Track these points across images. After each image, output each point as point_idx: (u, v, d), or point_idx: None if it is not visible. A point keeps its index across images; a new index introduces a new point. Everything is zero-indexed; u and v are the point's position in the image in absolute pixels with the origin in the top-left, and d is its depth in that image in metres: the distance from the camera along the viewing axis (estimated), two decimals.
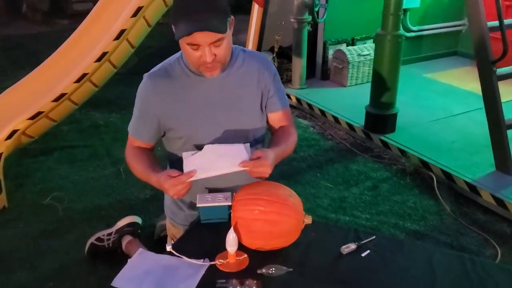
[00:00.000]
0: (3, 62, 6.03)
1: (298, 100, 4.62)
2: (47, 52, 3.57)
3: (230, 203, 1.68)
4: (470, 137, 3.73)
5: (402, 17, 3.62)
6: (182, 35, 1.47)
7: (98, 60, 3.02)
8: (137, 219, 2.61)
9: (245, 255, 1.47)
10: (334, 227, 1.72)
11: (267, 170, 1.51)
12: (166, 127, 1.71)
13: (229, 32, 1.56)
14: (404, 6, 3.65)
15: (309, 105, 4.50)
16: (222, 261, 1.44)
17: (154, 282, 1.38)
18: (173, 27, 1.52)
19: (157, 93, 1.65)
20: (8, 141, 2.91)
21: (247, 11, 4.92)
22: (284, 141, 1.71)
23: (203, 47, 1.49)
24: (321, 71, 5.02)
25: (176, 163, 1.77)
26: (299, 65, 4.71)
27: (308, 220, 1.53)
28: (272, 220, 1.45)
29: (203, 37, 1.47)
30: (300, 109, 4.60)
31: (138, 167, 1.69)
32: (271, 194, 1.49)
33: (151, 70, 1.70)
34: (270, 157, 1.52)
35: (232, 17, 1.56)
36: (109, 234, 2.53)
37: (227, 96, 1.68)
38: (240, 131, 1.72)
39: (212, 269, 1.42)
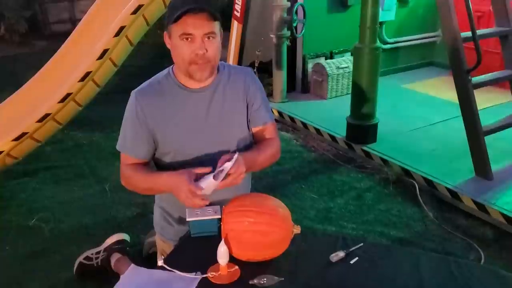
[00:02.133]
0: None
1: (280, 113, 4.68)
2: (26, 73, 3.57)
3: (219, 216, 1.70)
4: (449, 144, 3.82)
5: (378, 30, 3.72)
6: (177, 15, 1.50)
7: (82, 79, 3.03)
8: (125, 237, 2.61)
9: (236, 267, 1.49)
10: (323, 235, 1.76)
11: (240, 170, 1.55)
12: (155, 142, 1.73)
13: (219, 37, 1.62)
14: (380, 19, 3.75)
15: (291, 118, 4.56)
16: (214, 273, 1.46)
17: None
18: (167, 28, 1.58)
19: (146, 108, 1.66)
20: None
21: (227, 28, 4.99)
22: (258, 150, 1.75)
23: (196, 39, 1.54)
24: (302, 85, 5.11)
25: None
26: (279, 79, 4.79)
27: (297, 230, 1.56)
28: (262, 231, 1.47)
29: (197, 25, 1.52)
30: (282, 122, 4.66)
31: (140, 176, 1.68)
32: (260, 206, 1.53)
33: (139, 87, 1.71)
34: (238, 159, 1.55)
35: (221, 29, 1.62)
36: (98, 253, 2.52)
37: (215, 111, 1.71)
38: (227, 145, 1.74)
39: (204, 282, 1.44)
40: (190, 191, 1.51)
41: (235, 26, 4.94)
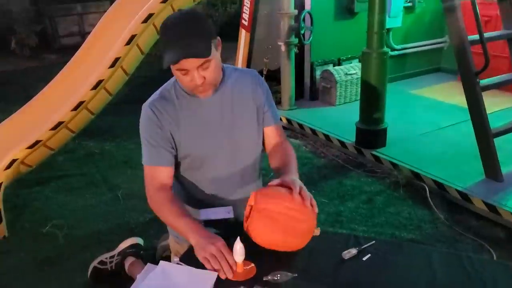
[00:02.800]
0: None
1: (288, 120, 4.71)
2: (37, 86, 3.63)
3: (232, 216, 1.73)
4: (458, 148, 3.83)
5: (385, 36, 3.75)
6: (168, 63, 1.53)
7: (94, 87, 3.08)
8: (138, 241, 2.64)
9: (252, 265, 1.50)
10: (334, 234, 1.78)
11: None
12: (174, 148, 1.74)
13: (217, 53, 1.62)
14: (386, 26, 3.79)
15: (300, 125, 4.58)
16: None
17: None
18: (162, 56, 1.57)
19: (161, 117, 1.68)
20: (8, 170, 2.94)
21: (235, 38, 5.05)
22: (293, 161, 1.77)
23: (191, 71, 1.55)
24: (310, 92, 5.14)
25: (178, 186, 1.83)
26: (288, 86, 4.82)
27: (317, 231, 1.58)
28: (296, 217, 1.49)
29: (190, 63, 1.53)
30: (290, 129, 4.68)
31: (168, 212, 1.65)
32: (293, 197, 1.53)
33: (149, 100, 1.72)
34: (298, 182, 1.57)
35: (219, 37, 1.62)
36: (112, 257, 2.55)
37: (226, 114, 1.74)
38: (240, 147, 1.78)
39: (219, 279, 1.45)
40: (219, 250, 1.47)
41: (243, 35, 5.01)
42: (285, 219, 1.48)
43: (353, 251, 1.59)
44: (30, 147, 2.99)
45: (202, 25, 1.55)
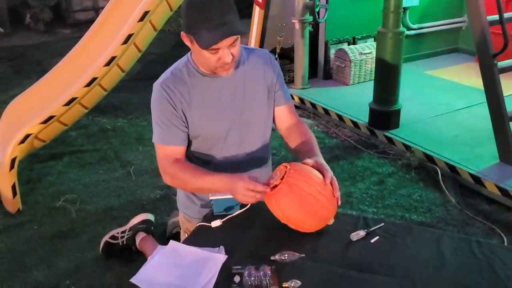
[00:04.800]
0: (8, 71, 6.11)
1: (301, 99, 4.68)
2: (51, 61, 3.65)
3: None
4: (472, 130, 3.78)
5: (402, 15, 3.68)
6: (211, 43, 1.48)
7: (107, 64, 3.08)
8: (150, 217, 2.67)
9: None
10: (343, 215, 1.77)
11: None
12: (187, 127, 1.74)
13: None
14: (403, 5, 3.71)
15: (312, 104, 4.55)
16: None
17: (177, 275, 1.42)
18: (189, 35, 1.54)
19: (173, 96, 1.67)
20: (22, 145, 2.98)
21: (248, 15, 4.99)
22: (315, 142, 1.78)
23: (222, 49, 1.53)
24: (323, 71, 5.08)
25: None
26: (301, 65, 4.77)
27: (332, 221, 1.59)
28: (322, 204, 1.50)
29: (226, 41, 1.50)
30: (303, 108, 4.65)
31: (189, 175, 1.66)
32: (325, 183, 1.53)
33: (161, 79, 1.70)
34: (330, 170, 1.57)
35: None
36: (123, 232, 2.59)
37: (238, 94, 1.73)
38: (251, 128, 1.78)
39: (228, 257, 1.47)
40: (247, 187, 1.50)
41: (257, 12, 4.94)
42: (312, 202, 1.48)
43: (362, 233, 1.59)
44: (44, 122, 3.01)
45: (231, 0, 1.52)
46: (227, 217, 1.64)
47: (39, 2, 7.90)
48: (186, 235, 1.92)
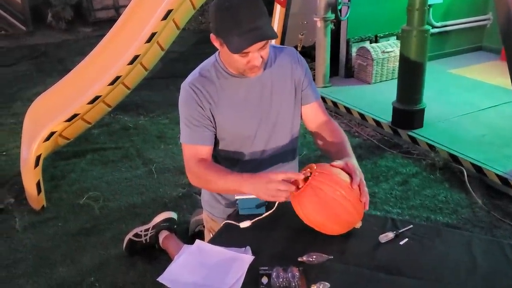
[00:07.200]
0: (31, 69, 6.20)
1: (322, 98, 4.62)
2: (72, 59, 3.68)
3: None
4: (499, 130, 3.70)
5: (426, 13, 3.62)
6: (243, 48, 1.47)
7: (131, 63, 3.09)
8: (173, 215, 2.67)
9: None
10: (370, 216, 1.74)
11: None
12: (214, 127, 1.73)
13: None
14: (428, 2, 3.65)
15: (334, 103, 4.52)
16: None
17: (203, 275, 1.41)
18: (219, 39, 1.53)
19: (202, 96, 1.66)
20: (47, 142, 3.01)
21: (269, 13, 4.97)
22: (347, 142, 1.75)
23: (252, 53, 1.52)
24: (345, 69, 5.04)
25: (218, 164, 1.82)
26: (322, 63, 4.74)
27: (359, 224, 1.56)
28: (346, 208, 1.46)
29: (257, 45, 1.49)
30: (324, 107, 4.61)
31: (214, 175, 1.63)
32: (351, 186, 1.49)
33: (189, 79, 1.69)
34: (359, 173, 1.53)
35: None
36: (146, 230, 2.60)
37: (265, 95, 1.72)
38: (278, 128, 1.76)
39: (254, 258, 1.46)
40: (274, 180, 1.47)
41: (278, 10, 4.92)
42: (335, 206, 1.45)
43: (390, 234, 1.56)
44: (68, 120, 3.05)
45: (261, 3, 1.50)
46: (257, 218, 1.61)
47: (60, 0, 8.01)
48: (211, 234, 1.92)
